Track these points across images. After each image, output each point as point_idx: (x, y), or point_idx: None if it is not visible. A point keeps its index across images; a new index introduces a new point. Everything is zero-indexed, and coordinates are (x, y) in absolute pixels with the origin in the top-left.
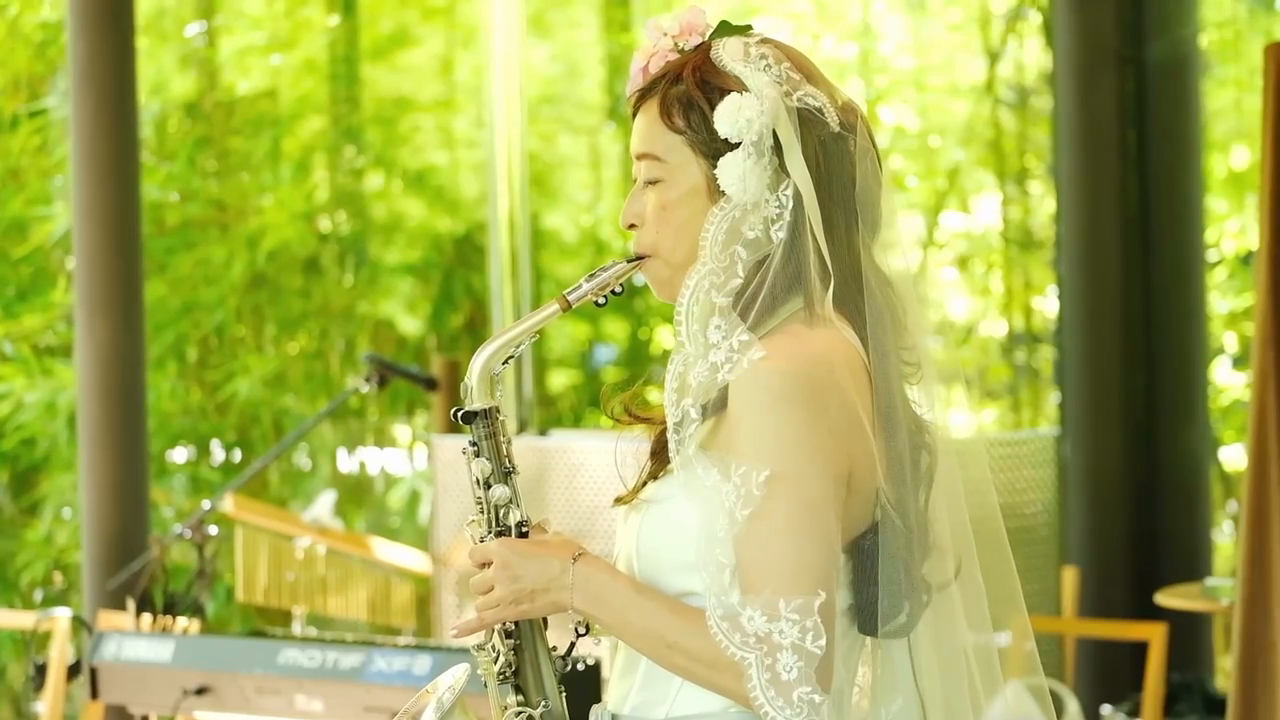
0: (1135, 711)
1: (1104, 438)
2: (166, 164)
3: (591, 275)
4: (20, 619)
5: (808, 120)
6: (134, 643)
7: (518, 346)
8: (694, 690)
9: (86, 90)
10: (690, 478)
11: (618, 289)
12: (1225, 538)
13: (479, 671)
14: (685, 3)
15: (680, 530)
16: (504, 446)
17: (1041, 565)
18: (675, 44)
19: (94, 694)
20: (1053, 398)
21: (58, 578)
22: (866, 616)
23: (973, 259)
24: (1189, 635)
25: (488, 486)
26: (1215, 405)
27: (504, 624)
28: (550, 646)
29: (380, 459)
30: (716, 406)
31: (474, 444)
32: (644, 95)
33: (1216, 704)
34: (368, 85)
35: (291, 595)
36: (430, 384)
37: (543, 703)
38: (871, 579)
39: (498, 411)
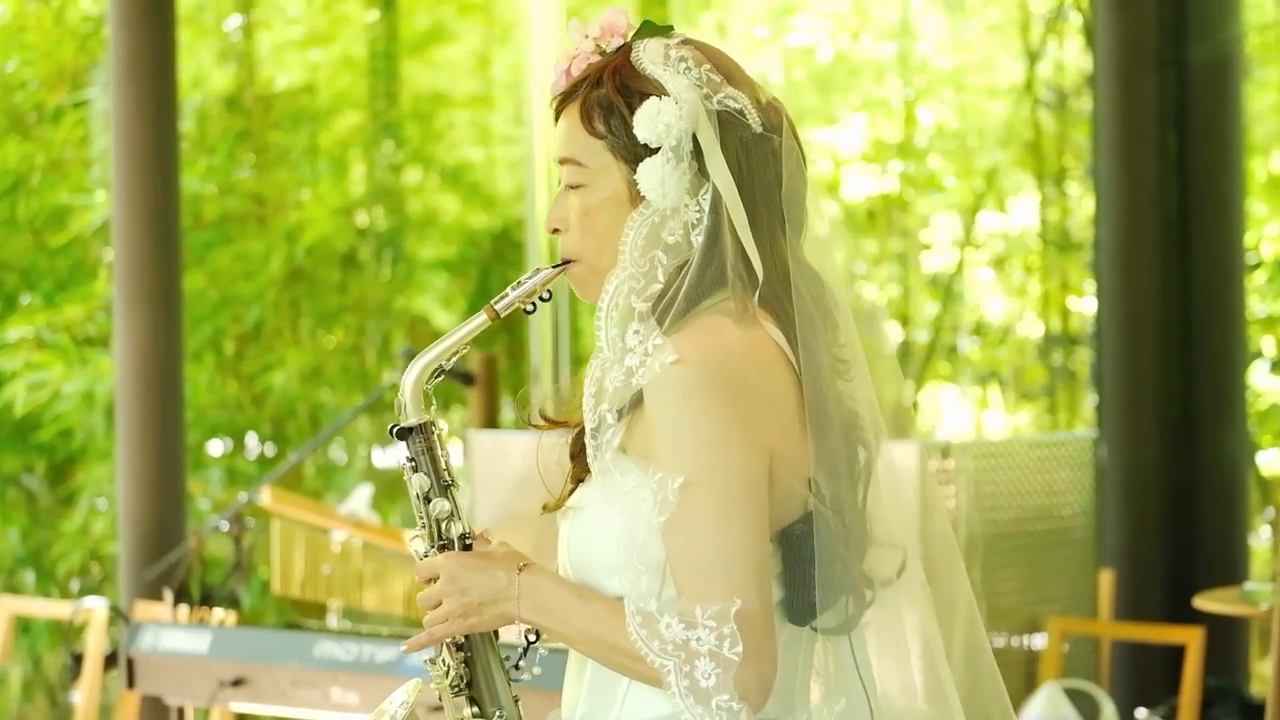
0: (1171, 715)
1: (1141, 440)
2: (206, 157)
3: (518, 283)
4: (57, 609)
5: (728, 122)
6: (170, 634)
7: (449, 360)
8: (641, 696)
9: (128, 83)
10: (608, 483)
11: (545, 295)
12: (1262, 542)
13: (433, 685)
14: (724, 2)
15: (607, 535)
16: (442, 460)
17: (1078, 567)
18: (597, 46)
19: (130, 684)
20: (1089, 400)
21: (94, 568)
22: (797, 609)
23: (1010, 260)
24: (1224, 640)
25: (428, 501)
26: (1253, 409)
27: (454, 637)
28: (502, 656)
29: None
30: (633, 404)
31: (411, 459)
32: (565, 99)
33: (1253, 709)
34: (406, 81)
35: (327, 588)
36: (467, 379)
37: (498, 713)
38: (800, 571)
39: (434, 425)
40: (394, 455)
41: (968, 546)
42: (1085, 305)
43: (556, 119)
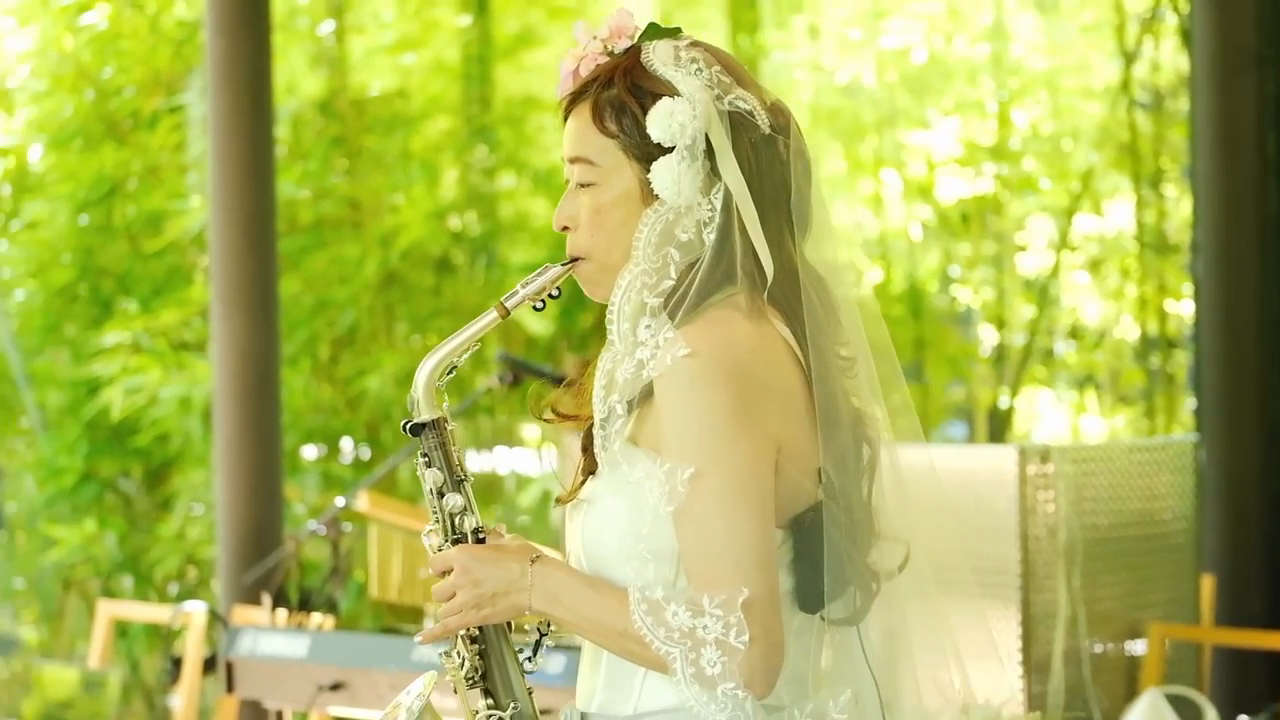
0: None
1: (1241, 444)
2: (300, 162)
3: (527, 281)
4: (155, 613)
5: (739, 123)
6: (269, 638)
7: (460, 356)
8: (658, 686)
9: (224, 88)
10: (616, 474)
11: (554, 292)
12: None
13: (447, 677)
14: (816, 5)
15: (619, 525)
16: (455, 455)
17: (1178, 573)
18: (605, 46)
19: (229, 688)
20: (1187, 403)
21: (191, 572)
22: (808, 597)
23: (1106, 262)
24: None
25: (441, 495)
26: None
27: (468, 629)
28: (516, 648)
29: (510, 458)
30: (643, 397)
31: (425, 455)
32: (575, 99)
33: None
34: (498, 85)
35: (424, 592)
36: (563, 383)
37: (512, 704)
38: (811, 559)
39: (446, 422)
40: (487, 460)
41: (1067, 551)
42: (1182, 308)
43: (565, 119)
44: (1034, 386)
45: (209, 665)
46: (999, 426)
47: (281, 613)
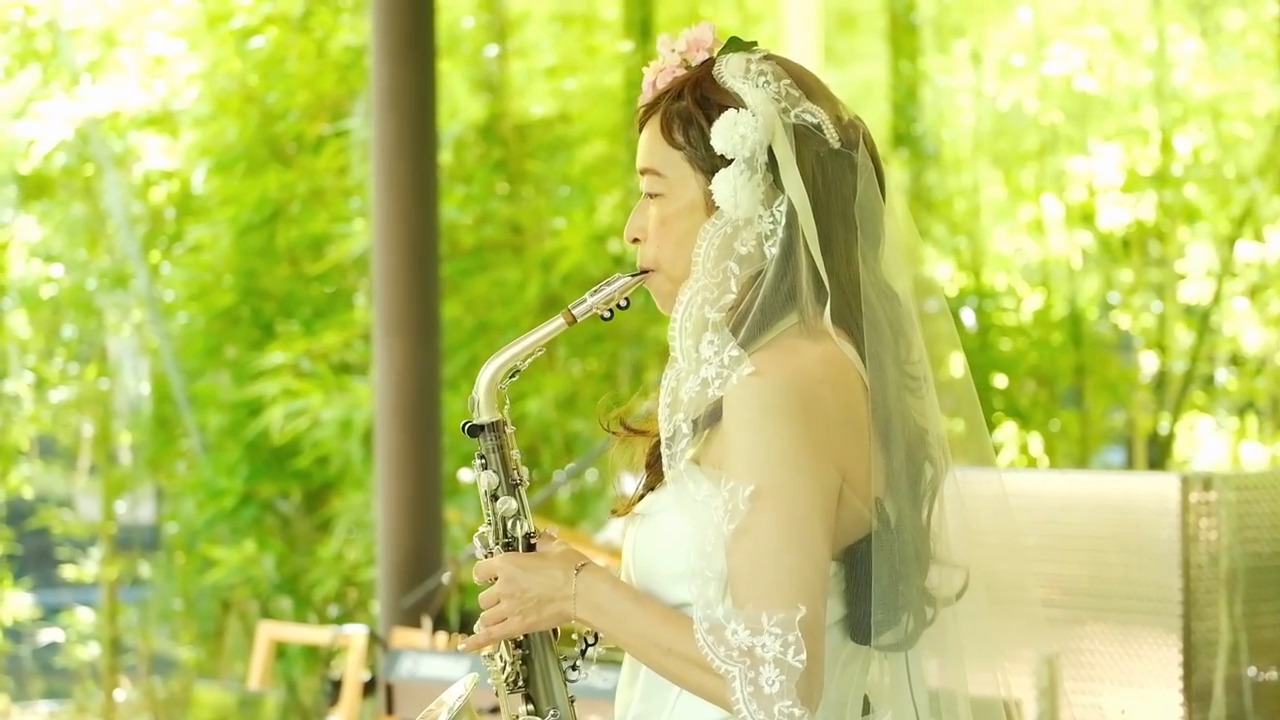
0: None
1: None
2: (463, 186)
3: (596, 289)
4: (314, 634)
5: (805, 136)
6: (429, 660)
7: (524, 361)
8: (691, 701)
9: (388, 112)
10: (681, 491)
11: (623, 303)
12: None
13: (489, 680)
14: (978, 31)
15: (673, 542)
16: (511, 459)
17: None
18: (683, 60)
19: (388, 710)
20: None
21: (350, 594)
22: (859, 626)
23: (1267, 289)
24: None
25: (495, 499)
26: None
27: (512, 636)
28: (560, 656)
29: None
30: (710, 419)
31: (482, 457)
32: (648, 111)
33: None
34: None
35: None
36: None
37: (552, 712)
38: (864, 588)
39: (505, 424)
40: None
41: (1229, 579)
42: None
43: (640, 130)
44: (1194, 413)
45: (368, 687)
46: (1158, 453)
47: (441, 635)
